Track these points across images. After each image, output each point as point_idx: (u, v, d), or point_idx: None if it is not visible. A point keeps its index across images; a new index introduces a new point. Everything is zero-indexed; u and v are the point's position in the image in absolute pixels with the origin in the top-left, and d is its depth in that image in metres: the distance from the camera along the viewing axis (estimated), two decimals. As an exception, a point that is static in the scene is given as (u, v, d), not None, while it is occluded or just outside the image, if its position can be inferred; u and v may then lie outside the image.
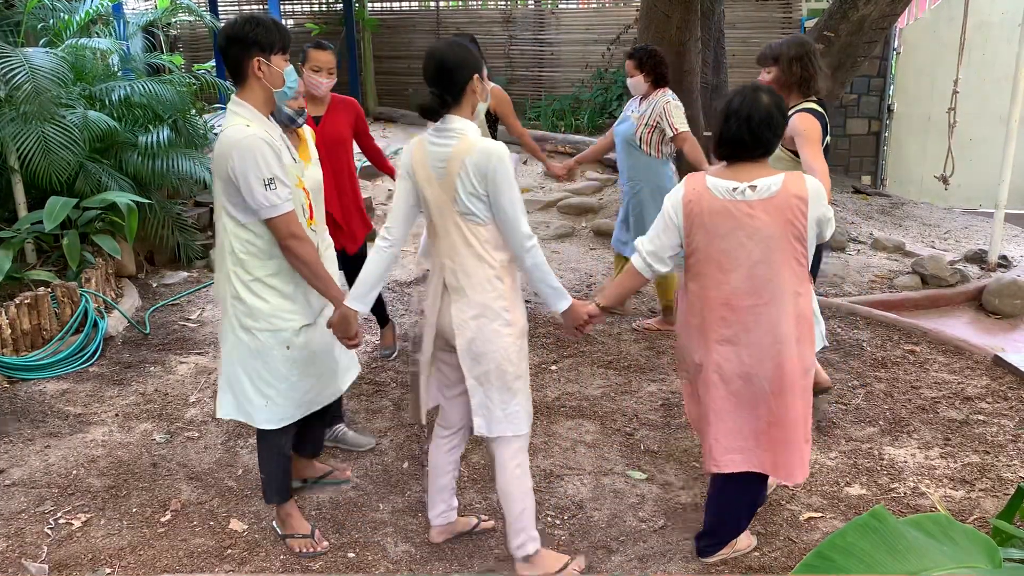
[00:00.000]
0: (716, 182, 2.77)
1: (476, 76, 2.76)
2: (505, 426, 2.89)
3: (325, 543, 3.24)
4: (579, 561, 3.11)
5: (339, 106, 4.19)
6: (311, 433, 3.42)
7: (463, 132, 2.74)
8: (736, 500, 3.06)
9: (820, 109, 3.70)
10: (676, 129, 4.76)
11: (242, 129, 2.76)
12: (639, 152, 4.89)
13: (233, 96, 2.88)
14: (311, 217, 3.04)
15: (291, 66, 2.89)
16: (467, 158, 2.69)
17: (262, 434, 3.11)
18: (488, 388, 2.86)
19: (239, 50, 2.80)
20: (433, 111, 2.76)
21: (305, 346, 3.00)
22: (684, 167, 4.46)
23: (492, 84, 4.75)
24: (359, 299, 2.91)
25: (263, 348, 2.94)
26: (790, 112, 3.55)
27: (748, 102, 2.70)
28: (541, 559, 3.01)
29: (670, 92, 4.85)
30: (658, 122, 4.77)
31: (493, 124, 4.88)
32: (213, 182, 2.89)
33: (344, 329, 2.92)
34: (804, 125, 3.60)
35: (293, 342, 2.96)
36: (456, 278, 2.81)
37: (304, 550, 3.20)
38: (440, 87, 2.73)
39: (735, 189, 2.73)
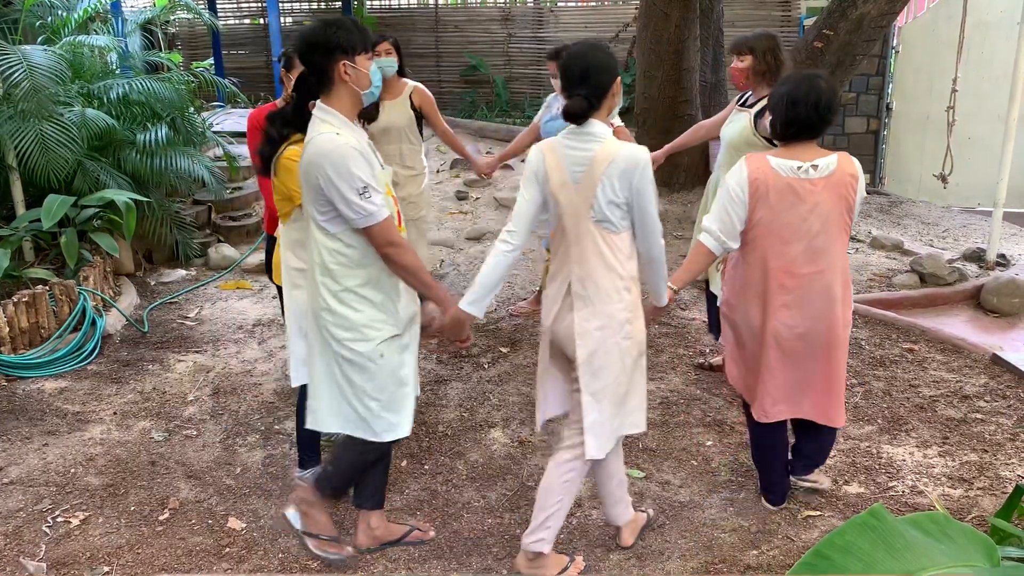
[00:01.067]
0: (779, 162, 3.01)
1: (618, 80, 2.81)
2: (612, 443, 2.92)
3: (349, 549, 3.18)
4: (578, 562, 3.11)
5: None
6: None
7: (604, 137, 2.76)
8: (775, 444, 3.38)
9: None
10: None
11: (333, 138, 2.65)
12: None
13: (319, 103, 2.76)
14: (399, 224, 2.93)
15: (375, 65, 2.81)
16: (611, 164, 2.70)
17: (367, 445, 2.94)
18: (602, 404, 2.85)
19: (323, 56, 2.68)
20: (582, 115, 2.74)
21: (398, 355, 2.88)
22: None
23: (415, 83, 4.79)
24: (476, 304, 2.85)
25: (360, 359, 2.80)
26: (763, 101, 3.88)
27: (814, 88, 2.95)
28: (545, 561, 3.02)
29: None
30: None
31: (419, 122, 4.87)
32: (303, 191, 2.78)
33: (457, 332, 2.90)
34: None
35: (386, 351, 2.83)
36: (583, 286, 2.80)
37: (328, 552, 3.14)
38: (587, 89, 2.73)
39: (799, 168, 2.99)
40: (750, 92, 4.16)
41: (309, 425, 2.94)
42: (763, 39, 4.02)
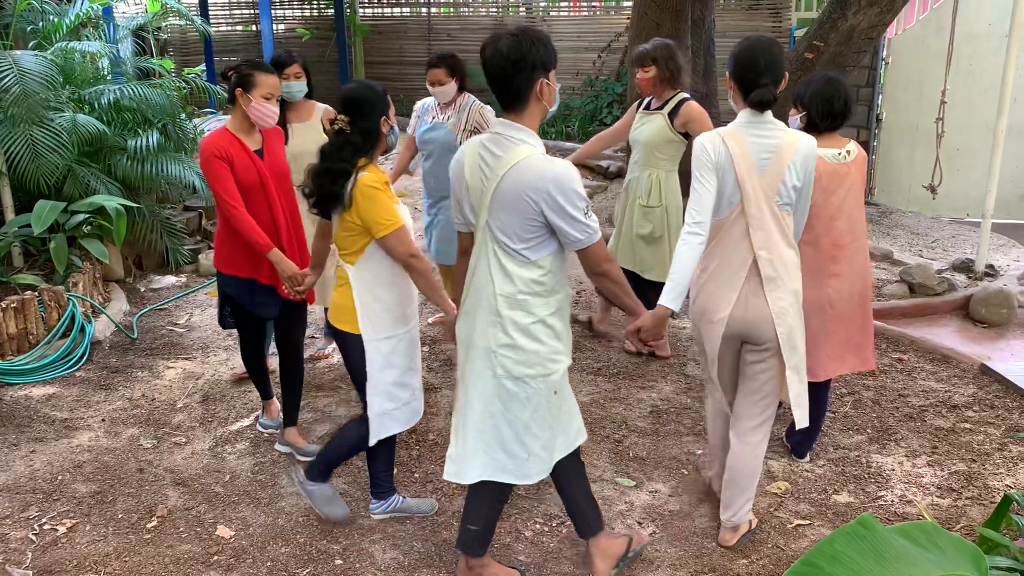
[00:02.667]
0: (823, 151, 3.32)
1: (787, 75, 3.01)
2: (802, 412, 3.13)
3: None
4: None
5: (271, 134, 3.68)
6: None
7: (780, 125, 2.98)
8: (822, 401, 3.72)
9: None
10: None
11: (549, 159, 2.54)
12: None
13: (508, 121, 2.60)
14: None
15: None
16: (796, 150, 2.92)
17: (497, 487, 2.83)
18: (801, 375, 3.07)
19: (527, 74, 2.52)
20: (770, 104, 2.93)
21: (565, 387, 2.81)
22: None
23: (325, 105, 4.51)
24: (677, 299, 2.86)
25: (533, 396, 2.68)
26: (673, 103, 4.48)
27: (842, 87, 3.42)
28: (745, 526, 3.28)
29: (472, 96, 4.83)
30: (477, 127, 4.65)
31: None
32: (490, 216, 2.59)
33: (657, 331, 2.89)
34: (698, 110, 4.44)
35: (560, 387, 2.75)
36: (774, 268, 2.96)
37: None
38: (771, 80, 2.91)
39: (839, 154, 3.43)
40: (652, 97, 4.63)
41: (447, 476, 2.81)
42: (663, 49, 4.49)
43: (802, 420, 3.08)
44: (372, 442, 3.18)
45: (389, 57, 11.37)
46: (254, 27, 11.65)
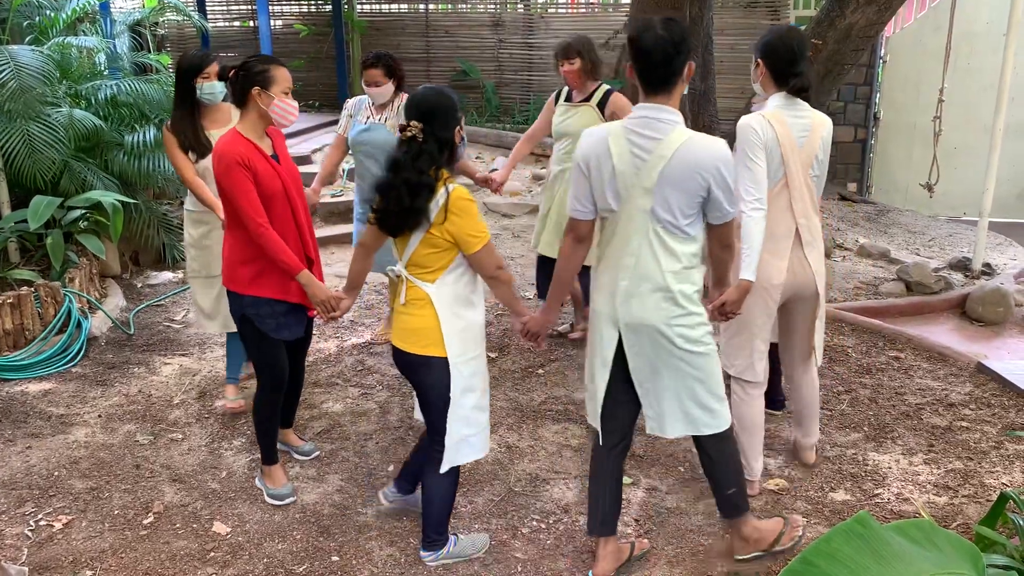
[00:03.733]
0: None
1: None
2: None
3: None
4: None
5: (277, 136, 3.49)
6: None
7: (807, 105, 3.31)
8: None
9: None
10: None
11: (711, 138, 2.70)
12: None
13: (655, 105, 2.68)
14: None
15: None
16: (825, 128, 3.33)
17: (729, 444, 3.02)
18: (823, 322, 3.58)
19: (684, 56, 2.64)
20: (808, 89, 3.26)
21: None
22: None
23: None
24: (754, 271, 3.11)
25: (711, 351, 2.87)
26: (600, 93, 4.66)
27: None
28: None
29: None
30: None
31: None
32: (652, 197, 2.67)
33: (739, 303, 3.09)
34: (624, 100, 4.64)
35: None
36: (811, 233, 3.36)
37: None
38: (805, 67, 3.25)
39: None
40: (570, 89, 4.77)
41: (649, 430, 2.95)
42: (584, 42, 4.70)
43: (820, 359, 3.63)
44: (444, 469, 3.00)
45: (387, 53, 11.36)
46: (251, 23, 11.62)
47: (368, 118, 4.63)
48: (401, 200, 2.75)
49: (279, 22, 11.71)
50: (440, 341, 2.87)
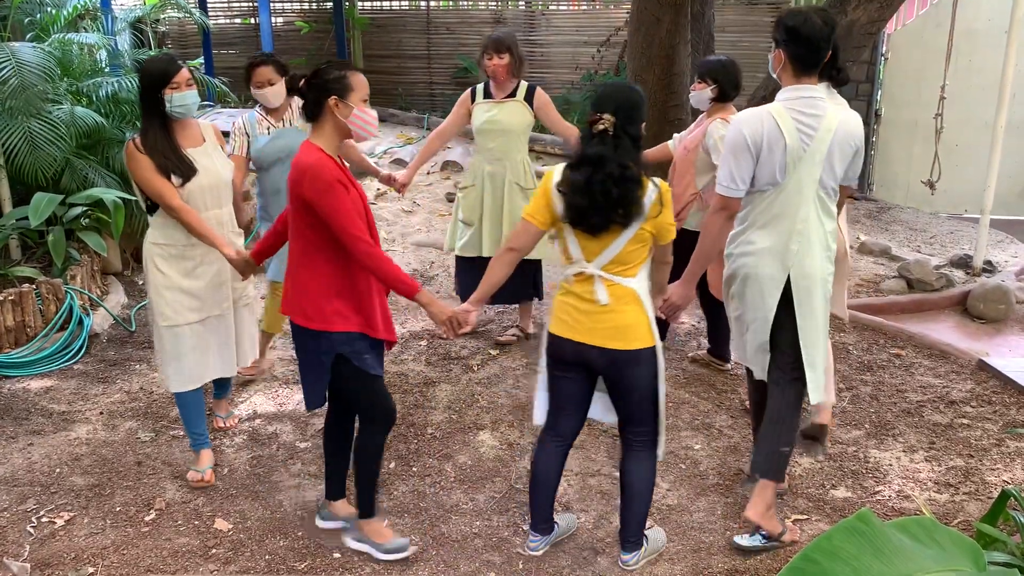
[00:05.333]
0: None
1: None
2: None
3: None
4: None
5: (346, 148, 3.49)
6: None
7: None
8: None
9: None
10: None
11: (850, 111, 3.09)
12: None
13: (810, 86, 3.04)
14: None
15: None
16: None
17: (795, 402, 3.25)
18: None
19: (830, 46, 3.05)
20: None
21: None
22: None
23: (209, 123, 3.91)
24: None
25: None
26: (523, 89, 4.71)
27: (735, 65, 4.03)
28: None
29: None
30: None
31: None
32: (821, 166, 3.03)
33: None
34: (547, 96, 4.78)
35: None
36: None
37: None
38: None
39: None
40: (499, 84, 4.71)
41: (813, 400, 3.20)
42: (513, 38, 4.72)
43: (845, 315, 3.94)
44: (662, 453, 3.09)
45: (388, 51, 11.33)
46: (252, 20, 11.60)
47: (269, 128, 4.21)
48: (608, 194, 2.71)
49: (280, 19, 11.69)
50: (648, 333, 2.90)
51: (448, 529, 3.34)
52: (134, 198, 5.84)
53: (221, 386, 4.09)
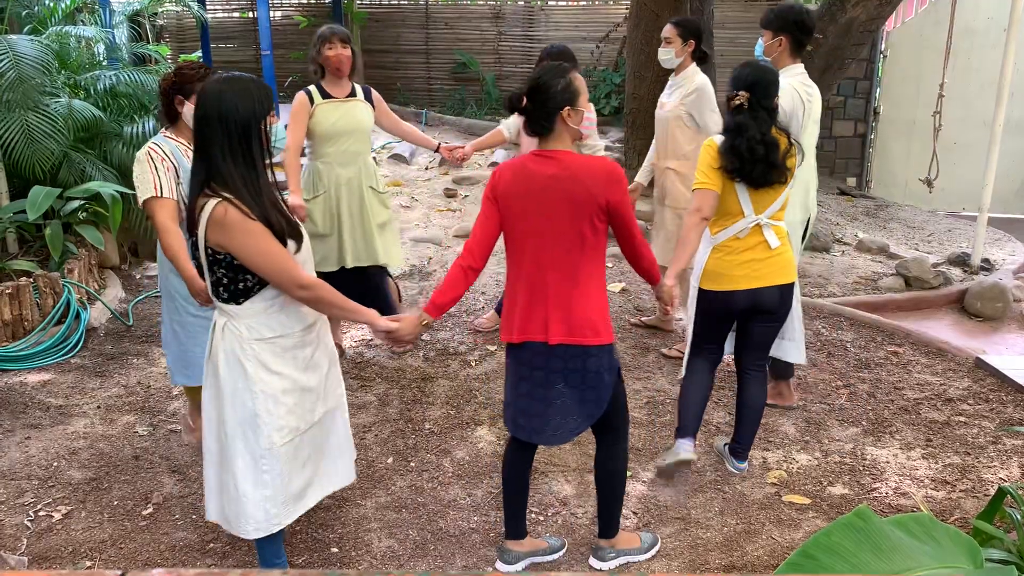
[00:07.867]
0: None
1: None
2: None
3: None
4: None
5: None
6: None
7: None
8: None
9: None
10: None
11: None
12: None
13: (801, 64, 3.90)
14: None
15: None
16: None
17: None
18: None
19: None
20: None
21: None
22: None
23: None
24: None
25: None
26: (360, 88, 4.48)
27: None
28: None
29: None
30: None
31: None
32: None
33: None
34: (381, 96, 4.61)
35: None
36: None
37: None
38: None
39: None
40: (339, 79, 4.38)
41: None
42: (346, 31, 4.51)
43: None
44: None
45: (386, 45, 11.32)
46: (251, 14, 11.59)
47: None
48: (754, 152, 3.19)
49: (278, 13, 11.68)
50: (794, 267, 3.49)
51: (446, 524, 3.35)
52: (131, 192, 5.85)
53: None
